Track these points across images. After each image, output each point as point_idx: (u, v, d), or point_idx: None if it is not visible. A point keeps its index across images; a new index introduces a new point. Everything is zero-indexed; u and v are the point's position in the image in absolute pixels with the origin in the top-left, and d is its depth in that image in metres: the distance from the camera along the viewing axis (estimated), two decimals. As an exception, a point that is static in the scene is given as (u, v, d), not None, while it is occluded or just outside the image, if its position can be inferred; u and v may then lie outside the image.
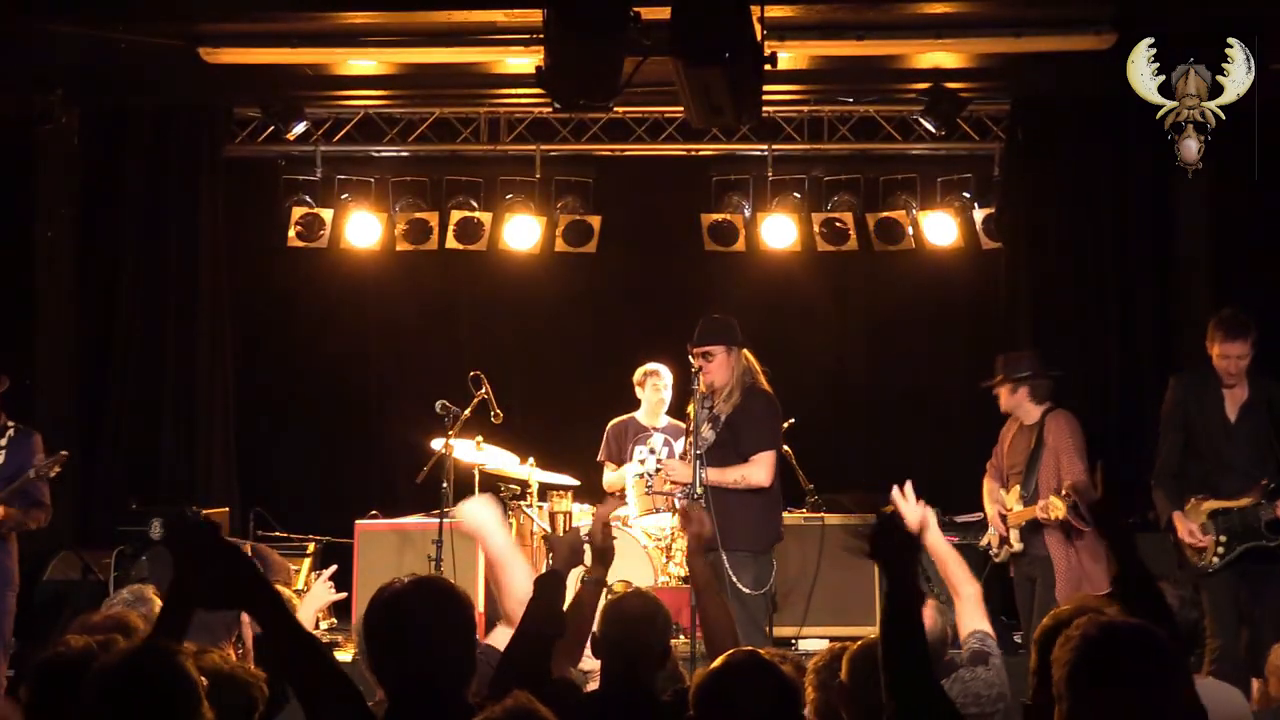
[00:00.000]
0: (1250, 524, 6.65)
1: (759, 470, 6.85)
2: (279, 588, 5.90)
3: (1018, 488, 7.31)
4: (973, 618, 4.47)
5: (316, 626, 6.10)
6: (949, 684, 4.37)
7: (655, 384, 8.67)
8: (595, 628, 4.05)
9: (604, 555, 4.45)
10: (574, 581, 4.64)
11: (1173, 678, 2.51)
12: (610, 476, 8.85)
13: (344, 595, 5.88)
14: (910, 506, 4.58)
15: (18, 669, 7.32)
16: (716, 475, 6.73)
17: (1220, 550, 6.69)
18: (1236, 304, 7.07)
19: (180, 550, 2.85)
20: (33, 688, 3.41)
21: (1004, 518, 7.35)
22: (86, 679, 2.87)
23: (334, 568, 5.74)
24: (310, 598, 5.46)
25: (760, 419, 6.92)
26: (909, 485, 4.54)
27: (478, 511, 5.03)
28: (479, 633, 3.32)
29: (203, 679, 2.88)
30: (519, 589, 4.20)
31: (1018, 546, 7.28)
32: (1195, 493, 6.80)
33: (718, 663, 3.14)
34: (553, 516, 8.36)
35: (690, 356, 6.96)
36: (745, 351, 7.06)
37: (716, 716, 3.05)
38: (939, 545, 4.66)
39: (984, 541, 7.59)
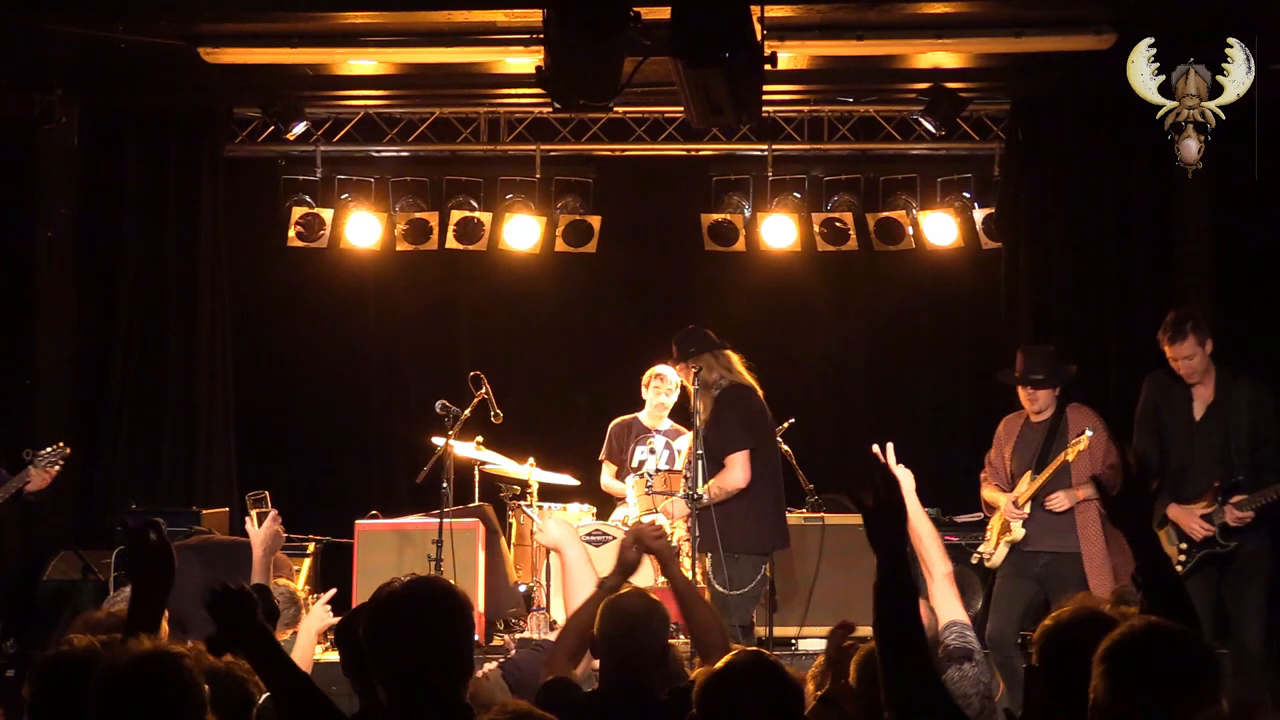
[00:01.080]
0: None
1: (732, 474, 6.90)
2: (283, 582, 5.89)
3: (1029, 474, 7.22)
4: (948, 604, 4.39)
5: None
6: None
7: (659, 387, 8.68)
8: (594, 627, 4.06)
9: (627, 569, 4.48)
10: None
11: (1211, 683, 2.51)
12: (609, 482, 8.84)
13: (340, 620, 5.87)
14: (893, 466, 4.54)
15: (18, 669, 7.33)
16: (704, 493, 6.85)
17: (1182, 559, 6.71)
18: (1185, 309, 7.09)
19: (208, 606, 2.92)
20: (35, 687, 3.42)
21: (1015, 503, 7.21)
22: (92, 681, 2.89)
23: (333, 592, 5.73)
24: (310, 621, 5.46)
25: (726, 421, 6.96)
26: (890, 446, 4.48)
27: (556, 530, 5.21)
28: (478, 633, 3.33)
29: (205, 685, 2.90)
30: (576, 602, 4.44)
31: (1019, 534, 7.20)
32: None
33: (721, 663, 3.14)
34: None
35: (690, 370, 7.01)
36: (727, 352, 7.05)
37: (719, 716, 3.05)
38: (914, 513, 4.61)
39: (978, 553, 7.53)
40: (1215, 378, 6.84)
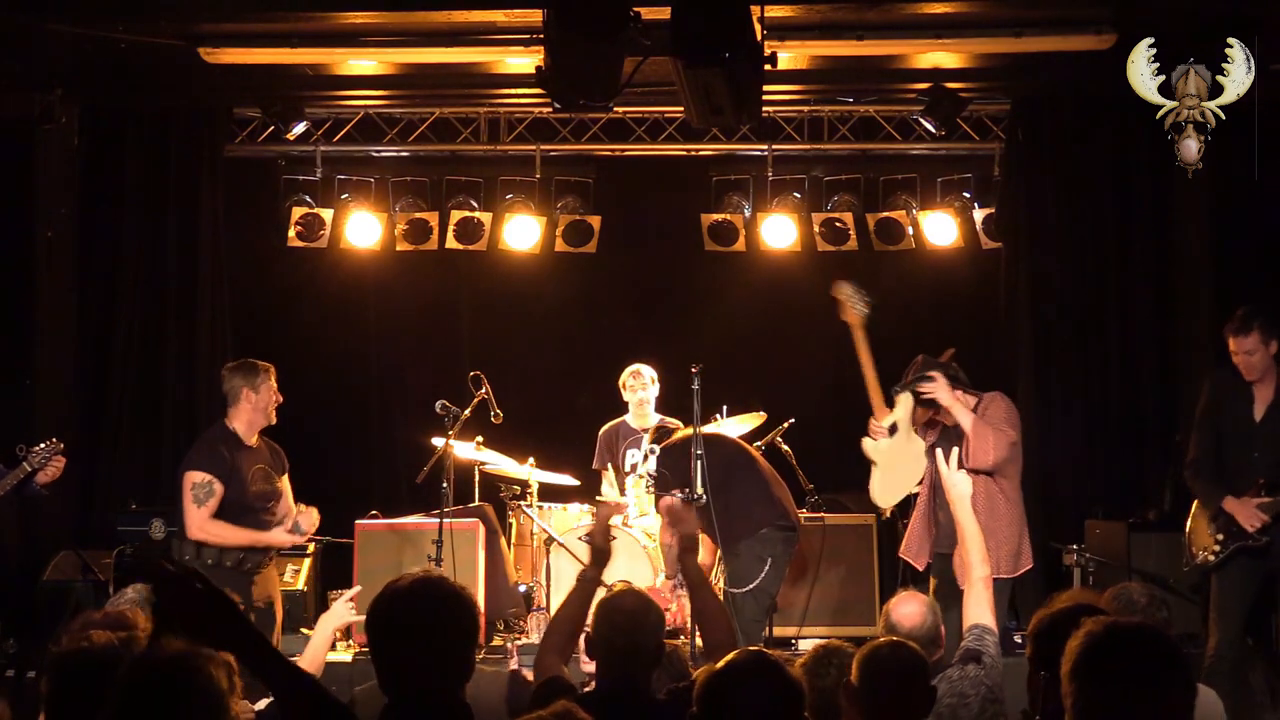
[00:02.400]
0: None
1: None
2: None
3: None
4: (977, 608, 4.44)
5: (333, 646, 6.12)
6: (935, 683, 4.39)
7: (633, 385, 8.69)
8: (589, 628, 4.06)
9: (601, 556, 4.47)
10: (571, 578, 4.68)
11: (1179, 675, 2.52)
12: (609, 491, 8.83)
13: (363, 618, 5.84)
14: (952, 472, 4.57)
15: (18, 669, 7.34)
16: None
17: (1217, 549, 6.71)
18: (1257, 304, 7.06)
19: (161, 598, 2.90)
20: (53, 682, 3.43)
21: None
22: (117, 676, 2.90)
23: (358, 589, 5.73)
24: (328, 617, 5.45)
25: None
26: (955, 451, 4.51)
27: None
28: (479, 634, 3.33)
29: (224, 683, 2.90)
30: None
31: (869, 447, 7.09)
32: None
33: (722, 662, 3.15)
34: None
35: (691, 370, 6.99)
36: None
37: (719, 715, 3.06)
38: (964, 517, 4.64)
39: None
40: (1277, 378, 6.83)
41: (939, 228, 9.73)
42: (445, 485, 7.85)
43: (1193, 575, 6.91)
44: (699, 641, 4.91)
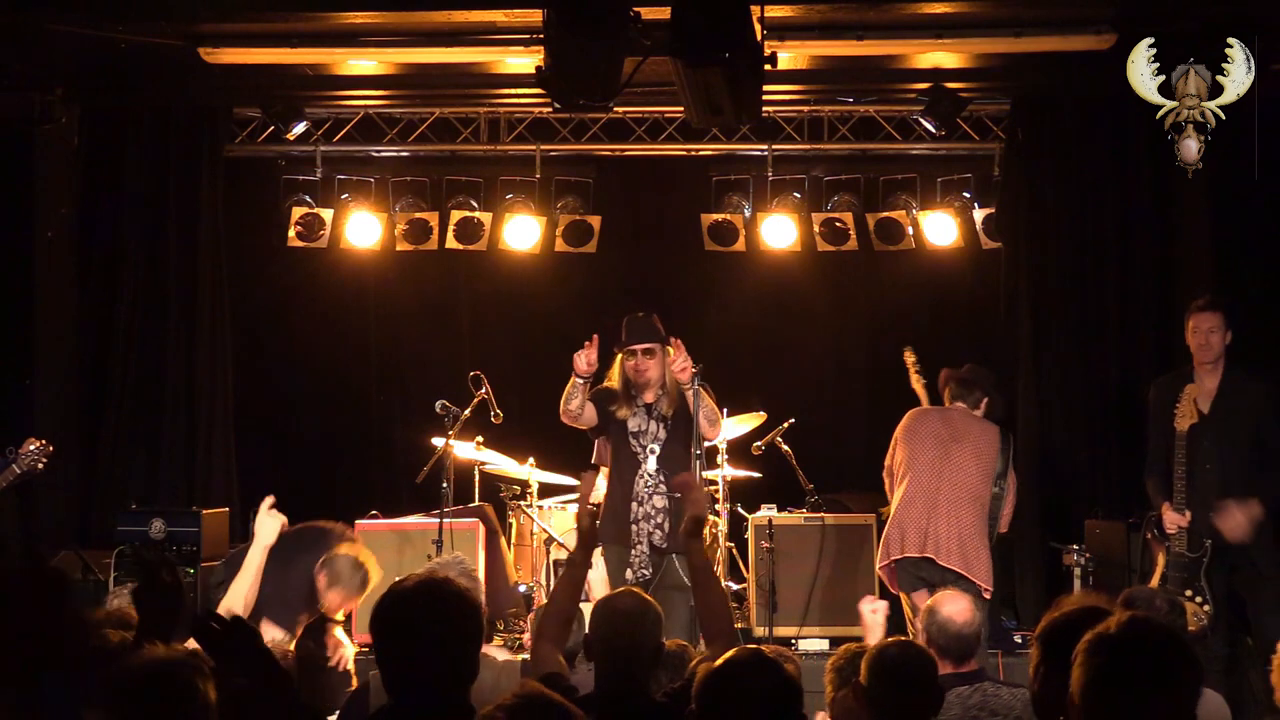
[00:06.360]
0: None
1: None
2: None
3: None
4: None
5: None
6: (968, 692, 4.40)
7: None
8: (587, 629, 4.06)
9: (586, 538, 4.43)
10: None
11: (1188, 679, 2.52)
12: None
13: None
14: None
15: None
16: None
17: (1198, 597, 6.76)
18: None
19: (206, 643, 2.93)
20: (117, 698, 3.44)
21: None
22: (106, 679, 2.92)
23: (271, 499, 5.95)
24: (262, 535, 5.49)
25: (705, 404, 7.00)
26: None
27: None
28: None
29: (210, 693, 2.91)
30: None
31: None
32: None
33: (720, 660, 3.15)
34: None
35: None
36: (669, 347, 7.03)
37: (718, 712, 3.06)
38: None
39: None
40: (1224, 373, 6.84)
41: (939, 228, 9.72)
42: (445, 485, 7.85)
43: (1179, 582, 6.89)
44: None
